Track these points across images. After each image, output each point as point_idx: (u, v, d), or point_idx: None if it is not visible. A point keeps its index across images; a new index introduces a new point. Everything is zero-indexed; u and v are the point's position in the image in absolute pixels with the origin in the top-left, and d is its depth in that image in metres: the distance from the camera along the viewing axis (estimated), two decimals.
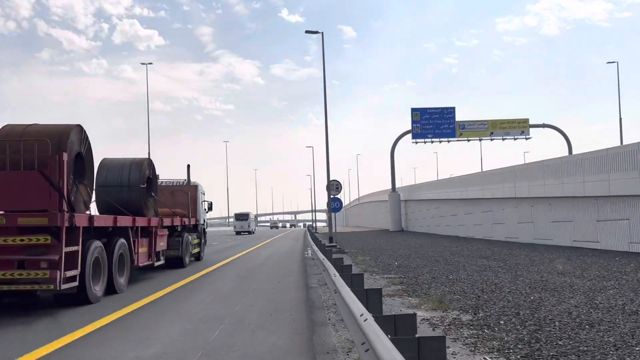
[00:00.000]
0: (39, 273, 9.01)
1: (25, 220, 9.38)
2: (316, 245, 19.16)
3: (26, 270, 9.07)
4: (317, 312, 9.32)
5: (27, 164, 9.84)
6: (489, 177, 33.26)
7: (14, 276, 9.02)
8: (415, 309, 9.28)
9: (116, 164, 14.16)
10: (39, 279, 9.04)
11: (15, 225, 9.35)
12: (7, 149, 9.91)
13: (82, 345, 7.23)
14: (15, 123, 10.98)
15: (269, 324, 8.32)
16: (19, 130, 10.46)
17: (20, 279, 9.06)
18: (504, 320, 8.17)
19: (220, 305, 10.18)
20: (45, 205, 9.52)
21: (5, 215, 9.47)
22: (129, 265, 12.56)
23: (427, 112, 51.61)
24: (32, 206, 9.56)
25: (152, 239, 14.60)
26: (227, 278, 15.38)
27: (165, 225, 15.79)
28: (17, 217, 9.39)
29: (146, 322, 8.82)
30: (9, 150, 9.91)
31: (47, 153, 9.67)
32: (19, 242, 9.15)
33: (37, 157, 9.79)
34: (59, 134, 10.22)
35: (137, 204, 13.87)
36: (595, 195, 21.74)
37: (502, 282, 12.55)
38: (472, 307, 9.38)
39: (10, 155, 9.91)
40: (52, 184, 9.52)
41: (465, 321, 8.20)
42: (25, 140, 9.97)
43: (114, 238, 11.85)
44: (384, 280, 13.77)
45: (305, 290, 12.26)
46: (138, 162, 14.44)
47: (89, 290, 10.20)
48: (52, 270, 9.05)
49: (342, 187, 32.57)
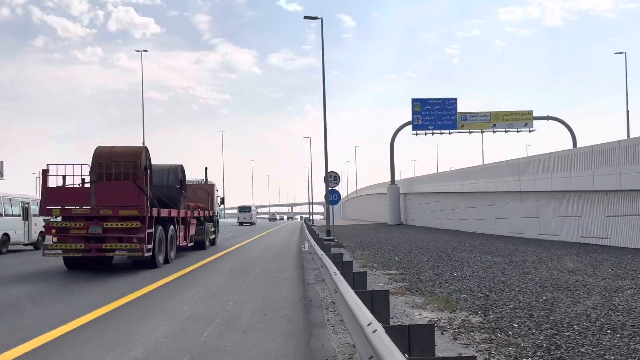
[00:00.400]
0: (132, 245, 13.82)
1: (124, 212, 14.08)
2: (313, 238, 18.48)
3: (124, 243, 13.87)
4: (314, 311, 8.63)
5: (122, 175, 14.44)
6: (492, 170, 32.53)
7: (117, 247, 13.87)
8: (421, 309, 8.61)
9: (158, 170, 17.58)
10: (132, 248, 13.82)
11: (117, 215, 14.08)
12: (104, 166, 14.46)
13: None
14: (102, 145, 15.29)
15: (262, 324, 7.63)
16: (108, 151, 14.96)
17: (120, 248, 13.88)
18: (517, 323, 7.50)
19: (213, 302, 9.50)
20: (136, 202, 14.14)
21: (111, 208, 14.11)
22: (175, 244, 17.30)
23: (428, 102, 50.80)
24: (128, 203, 14.14)
25: (186, 226, 19.04)
26: (219, 273, 14.72)
27: (194, 216, 20.25)
28: (119, 209, 14.09)
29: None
30: (104, 167, 14.46)
31: (136, 169, 14.45)
32: (120, 226, 13.96)
33: (130, 172, 14.41)
34: (135, 154, 14.87)
35: (174, 200, 17.65)
36: (606, 190, 21.04)
37: (511, 280, 11.89)
38: (481, 307, 8.71)
39: (105, 171, 14.44)
40: (141, 189, 14.23)
41: (475, 323, 7.53)
42: (125, 162, 14.51)
43: (167, 225, 16.37)
44: (385, 276, 13.11)
45: (302, 286, 11.58)
46: (174, 167, 18.62)
47: (156, 259, 14.95)
48: (140, 244, 13.87)
49: (340, 178, 31.81)
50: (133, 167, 14.41)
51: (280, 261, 17.92)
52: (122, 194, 14.20)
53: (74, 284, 12.46)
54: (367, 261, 16.92)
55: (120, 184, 14.28)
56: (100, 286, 11.89)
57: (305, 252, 21.35)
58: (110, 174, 14.38)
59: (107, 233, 13.91)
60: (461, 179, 37.81)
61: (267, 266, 16.15)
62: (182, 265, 15.95)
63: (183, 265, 15.95)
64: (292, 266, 16.21)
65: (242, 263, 17.29)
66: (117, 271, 14.56)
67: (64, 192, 14.79)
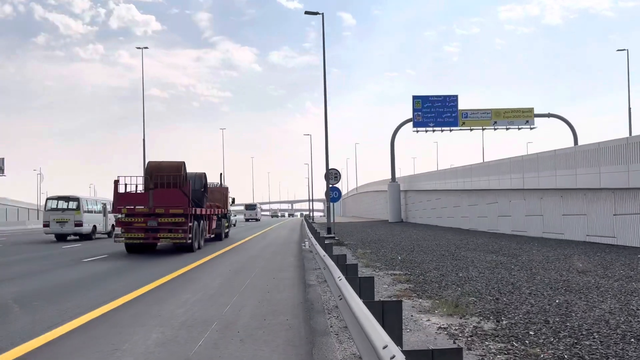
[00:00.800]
0: (178, 235, 18.95)
1: (173, 211, 19.08)
2: (314, 237, 17.98)
3: (172, 234, 18.96)
4: (316, 316, 8.12)
5: (170, 184, 19.56)
6: (495, 167, 32.02)
7: (167, 236, 19.04)
8: (429, 314, 8.12)
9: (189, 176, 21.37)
10: (178, 237, 18.96)
11: (168, 213, 19.08)
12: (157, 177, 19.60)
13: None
14: (152, 160, 20.78)
15: (261, 331, 7.15)
16: (157, 165, 20.14)
17: (170, 237, 19.04)
18: (533, 330, 7.02)
19: (210, 305, 9.02)
20: (182, 204, 19.25)
21: (164, 207, 19.05)
22: (204, 235, 22.53)
23: (429, 99, 50.30)
24: (176, 204, 19.17)
25: (210, 221, 24.45)
26: (216, 273, 14.24)
27: (214, 213, 25.42)
28: (169, 209, 19.10)
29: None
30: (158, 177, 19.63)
31: (180, 179, 19.65)
32: (169, 221, 19.03)
33: (177, 181, 19.62)
34: (178, 167, 19.97)
35: (200, 201, 22.12)
36: (613, 188, 20.55)
37: (519, 282, 11.42)
38: (492, 312, 8.24)
39: (158, 181, 19.59)
40: (185, 194, 19.40)
41: (488, 331, 7.05)
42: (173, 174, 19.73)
43: (200, 220, 21.38)
44: (389, 277, 12.63)
45: (302, 288, 11.09)
46: (199, 174, 23.27)
47: (193, 245, 20.08)
48: (184, 234, 19.00)
49: (340, 176, 31.33)
50: (178, 177, 19.69)
51: (280, 260, 17.44)
52: (171, 197, 19.33)
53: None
54: (370, 260, 16.44)
55: (170, 191, 19.47)
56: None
57: (306, 250, 20.88)
58: (161, 182, 19.59)
59: (160, 226, 19.09)
60: (463, 177, 37.32)
61: (266, 265, 15.68)
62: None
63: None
64: (292, 266, 15.73)
65: (240, 262, 16.84)
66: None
67: (129, 196, 19.94)
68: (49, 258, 19.01)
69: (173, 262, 16.70)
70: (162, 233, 19.00)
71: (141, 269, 15.11)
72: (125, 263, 16.87)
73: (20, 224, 54.68)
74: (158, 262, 16.83)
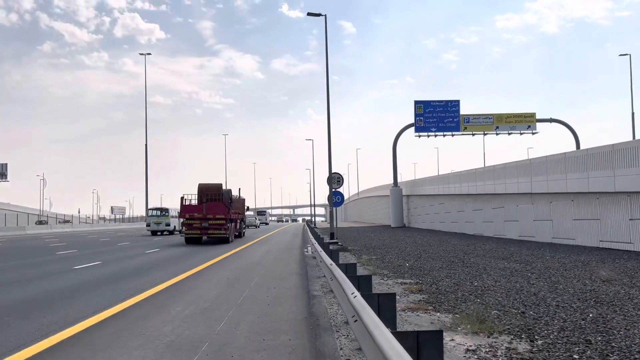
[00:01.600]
0: (222, 232, 29.02)
1: (218, 216, 28.91)
2: (318, 243, 17.02)
3: (218, 231, 28.96)
4: (323, 335, 7.13)
5: (216, 199, 29.78)
6: (501, 171, 31.08)
7: (214, 232, 29.00)
8: (452, 332, 7.16)
9: None
10: (221, 234, 29.07)
11: (215, 217, 28.86)
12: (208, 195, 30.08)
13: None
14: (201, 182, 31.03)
15: (259, 355, 6.17)
16: (205, 186, 30.58)
17: (216, 234, 29.08)
18: (577, 354, 6.07)
19: (202, 321, 8.05)
20: (223, 212, 29.06)
21: (212, 214, 28.87)
22: (234, 233, 31.83)
23: (430, 105, 49.58)
24: (220, 213, 28.97)
25: (236, 224, 32.99)
26: (214, 281, 13.28)
27: (238, 218, 34.03)
28: (216, 215, 28.90)
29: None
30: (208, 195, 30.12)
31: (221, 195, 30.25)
32: (215, 222, 28.86)
33: (221, 198, 30.01)
34: (218, 187, 30.74)
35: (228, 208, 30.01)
36: (629, 191, 19.61)
37: (542, 292, 10.49)
38: (522, 329, 7.29)
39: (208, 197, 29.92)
40: (226, 206, 29.41)
41: (524, 353, 6.10)
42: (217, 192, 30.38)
43: (232, 222, 30.52)
44: (399, 286, 11.68)
45: (306, 300, 10.10)
46: (227, 190, 31.63)
47: (229, 239, 29.86)
48: (225, 231, 29.09)
49: (343, 180, 30.37)
50: (219, 194, 30.07)
51: (282, 267, 16.47)
52: (217, 208, 28.99)
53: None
54: (376, 267, 15.49)
55: (215, 203, 29.30)
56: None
57: (309, 256, 19.92)
58: (209, 198, 29.72)
59: (210, 226, 28.70)
60: (467, 181, 36.38)
61: (266, 273, 14.70)
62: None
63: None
64: (294, 273, 14.76)
65: (241, 269, 15.87)
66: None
67: (190, 207, 29.49)
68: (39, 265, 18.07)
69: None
70: (211, 230, 28.80)
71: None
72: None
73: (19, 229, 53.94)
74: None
